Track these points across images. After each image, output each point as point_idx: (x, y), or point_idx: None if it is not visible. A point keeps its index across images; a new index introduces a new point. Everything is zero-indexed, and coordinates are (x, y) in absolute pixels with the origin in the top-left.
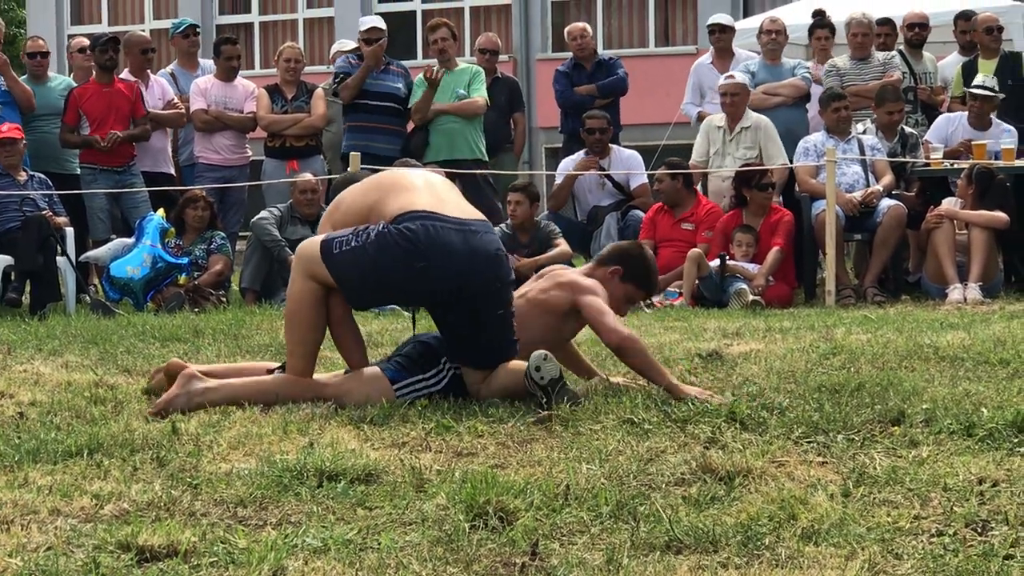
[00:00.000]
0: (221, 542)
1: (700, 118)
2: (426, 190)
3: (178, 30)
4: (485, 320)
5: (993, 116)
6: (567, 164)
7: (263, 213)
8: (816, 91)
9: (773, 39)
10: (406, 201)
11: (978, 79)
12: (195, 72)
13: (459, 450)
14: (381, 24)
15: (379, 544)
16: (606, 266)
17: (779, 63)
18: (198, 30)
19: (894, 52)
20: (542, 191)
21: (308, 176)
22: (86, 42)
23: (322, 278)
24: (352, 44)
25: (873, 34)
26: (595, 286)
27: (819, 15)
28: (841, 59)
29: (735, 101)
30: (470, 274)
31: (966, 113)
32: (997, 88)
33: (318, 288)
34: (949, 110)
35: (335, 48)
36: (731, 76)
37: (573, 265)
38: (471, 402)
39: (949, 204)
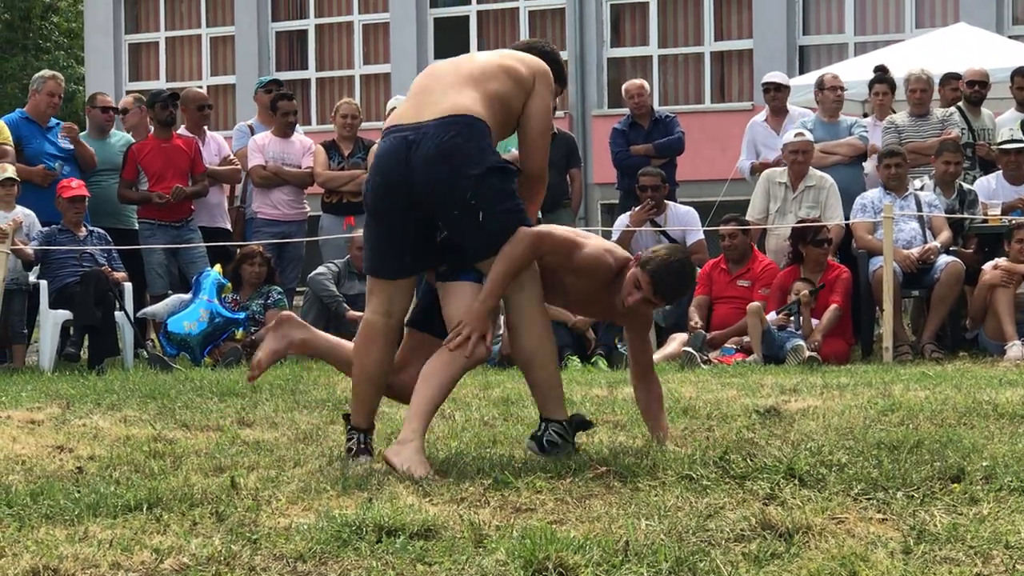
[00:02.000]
0: None
1: (753, 170)
2: (414, 96)
3: (261, 85)
4: (449, 224)
5: None
6: (623, 221)
7: (320, 268)
8: (873, 148)
9: (837, 96)
10: (394, 115)
11: (1005, 134)
12: None
13: (518, 505)
14: None
15: None
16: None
17: (836, 120)
18: (282, 85)
19: (953, 109)
20: None
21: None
22: (129, 99)
23: None
24: None
25: (932, 90)
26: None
27: (881, 71)
28: (900, 116)
29: (803, 159)
30: (379, 183)
31: (1000, 171)
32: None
33: None
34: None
35: (391, 104)
36: (801, 134)
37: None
38: (530, 457)
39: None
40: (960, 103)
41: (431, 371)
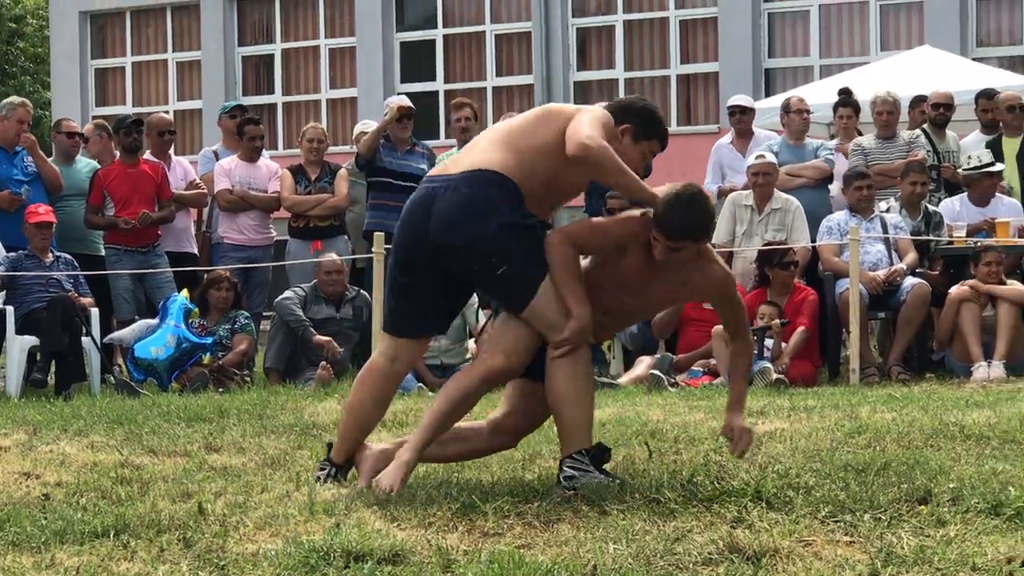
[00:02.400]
0: None
1: (720, 193)
2: (463, 149)
3: (226, 111)
4: (473, 277)
5: (997, 193)
6: None
7: (287, 293)
8: (838, 170)
9: (803, 119)
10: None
11: (973, 158)
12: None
13: (485, 530)
14: (408, 101)
15: None
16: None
17: (802, 143)
18: (246, 111)
19: (918, 131)
20: None
21: (332, 256)
22: (91, 127)
23: None
24: (375, 124)
25: (898, 112)
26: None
27: (845, 93)
28: (867, 138)
29: (767, 181)
30: (404, 231)
31: (965, 193)
32: (993, 160)
33: None
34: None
35: (358, 128)
36: (762, 156)
37: (597, 343)
38: (498, 482)
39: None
40: (925, 125)
41: (449, 388)
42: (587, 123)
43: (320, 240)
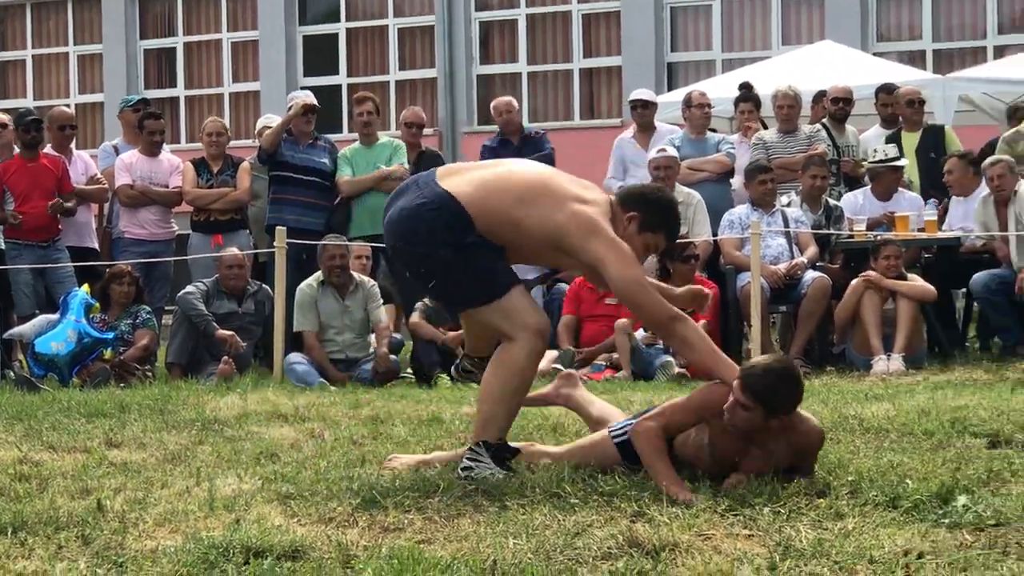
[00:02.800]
0: None
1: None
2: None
3: (128, 104)
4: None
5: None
6: None
7: (189, 288)
8: (740, 164)
9: (704, 113)
10: None
11: (876, 152)
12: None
13: (386, 525)
14: (313, 100)
15: None
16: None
17: (704, 137)
18: (149, 104)
19: (819, 126)
20: None
21: (234, 250)
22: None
23: None
24: (278, 118)
25: (799, 106)
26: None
27: (746, 88)
28: (768, 132)
29: (668, 175)
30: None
31: (868, 187)
32: (898, 155)
33: None
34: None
35: (261, 122)
36: (663, 150)
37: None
38: (399, 476)
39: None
40: (825, 120)
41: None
42: (624, 262)
43: (221, 234)
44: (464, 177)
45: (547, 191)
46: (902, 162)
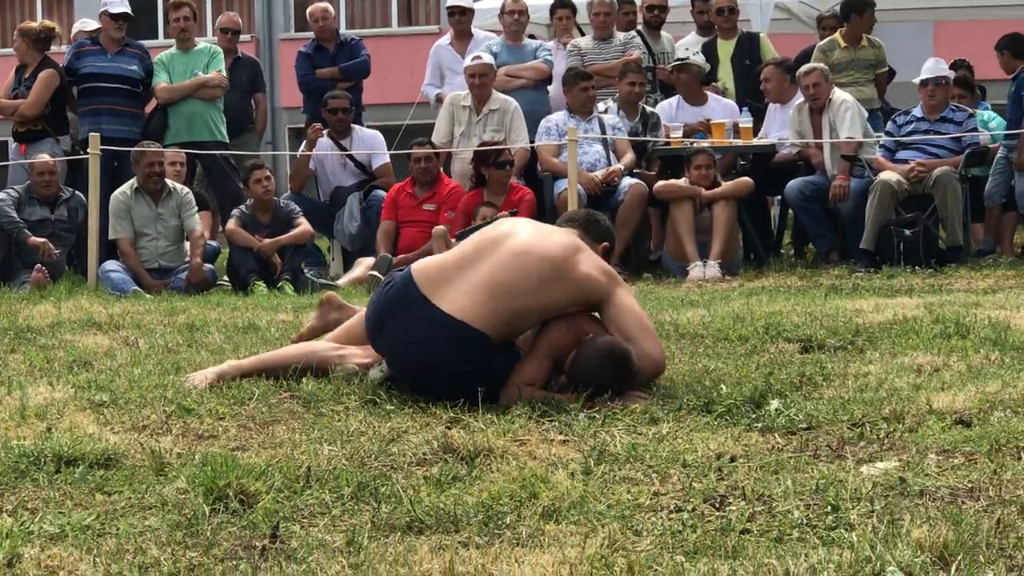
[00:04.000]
0: None
1: (439, 100)
2: (458, 253)
3: None
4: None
5: (711, 93)
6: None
7: (0, 194)
8: (556, 71)
9: (516, 20)
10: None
11: (679, 53)
12: None
13: (200, 433)
14: (127, 8)
15: (118, 529)
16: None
17: (521, 44)
18: None
19: (634, 32)
20: (285, 172)
21: (45, 157)
22: None
23: None
24: (94, 24)
25: (615, 14)
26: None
27: None
28: (583, 40)
29: (483, 82)
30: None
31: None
32: (700, 57)
33: None
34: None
35: (76, 28)
36: (478, 57)
37: (316, 245)
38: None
39: (682, 183)
40: (640, 27)
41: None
42: (652, 341)
43: (25, 143)
44: (458, 289)
45: (561, 271)
46: (695, 60)
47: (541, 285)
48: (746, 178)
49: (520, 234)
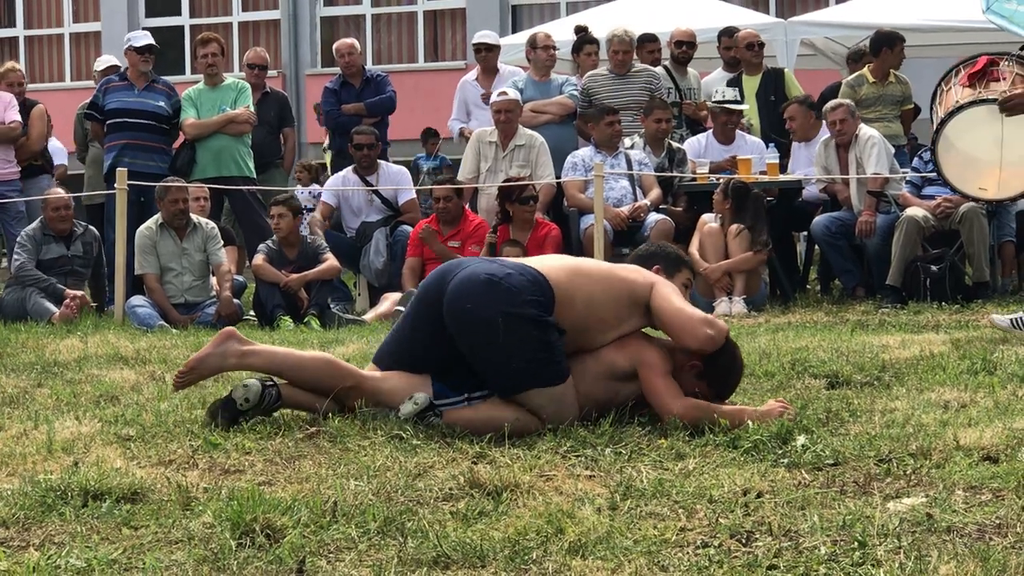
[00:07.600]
0: None
1: (462, 135)
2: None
3: None
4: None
5: (739, 131)
6: (335, 181)
7: (17, 252)
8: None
9: (549, 55)
10: None
11: (725, 94)
12: None
13: (226, 467)
14: (151, 40)
15: (144, 564)
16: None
17: (548, 79)
18: None
19: (660, 69)
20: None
21: (59, 191)
22: None
23: None
24: (113, 60)
25: (633, 50)
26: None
27: (582, 31)
28: (602, 73)
29: (509, 118)
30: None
31: (711, 131)
32: (739, 99)
33: None
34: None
35: (100, 64)
36: (504, 93)
37: (343, 280)
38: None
39: (708, 219)
40: (667, 63)
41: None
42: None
43: (23, 180)
44: (543, 260)
45: (636, 296)
46: (741, 106)
47: (619, 307)
48: (752, 255)
49: None
